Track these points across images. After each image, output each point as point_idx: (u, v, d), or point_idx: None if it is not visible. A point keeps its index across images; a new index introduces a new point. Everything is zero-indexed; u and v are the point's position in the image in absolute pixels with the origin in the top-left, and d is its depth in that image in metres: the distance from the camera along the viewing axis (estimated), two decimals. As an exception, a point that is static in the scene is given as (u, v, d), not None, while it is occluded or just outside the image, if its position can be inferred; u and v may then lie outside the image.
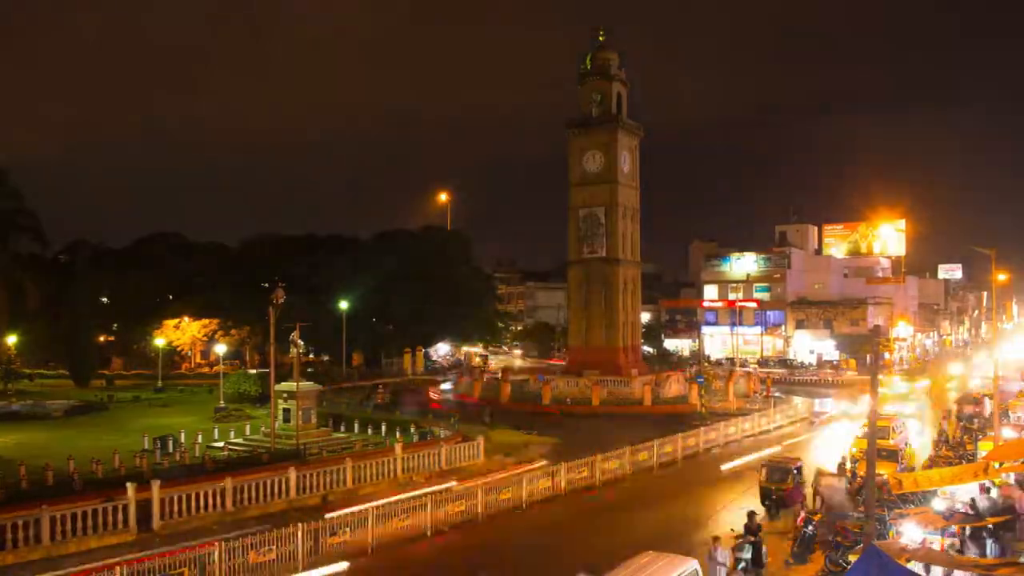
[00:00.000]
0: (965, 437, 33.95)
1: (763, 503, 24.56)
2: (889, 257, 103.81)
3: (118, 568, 16.47)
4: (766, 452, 34.26)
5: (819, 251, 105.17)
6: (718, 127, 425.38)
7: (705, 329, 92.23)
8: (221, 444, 35.65)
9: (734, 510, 24.57)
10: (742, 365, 74.24)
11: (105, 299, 72.60)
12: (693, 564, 15.44)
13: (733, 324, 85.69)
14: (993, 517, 18.72)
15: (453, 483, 28.11)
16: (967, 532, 18.30)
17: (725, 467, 32.06)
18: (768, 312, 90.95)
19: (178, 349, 72.77)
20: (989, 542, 18.01)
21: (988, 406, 39.59)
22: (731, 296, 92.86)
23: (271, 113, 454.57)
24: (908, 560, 14.65)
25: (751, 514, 19.51)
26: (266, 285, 60.46)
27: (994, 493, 20.48)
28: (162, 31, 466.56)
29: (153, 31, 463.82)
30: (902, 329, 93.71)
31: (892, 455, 28.15)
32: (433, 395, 57.19)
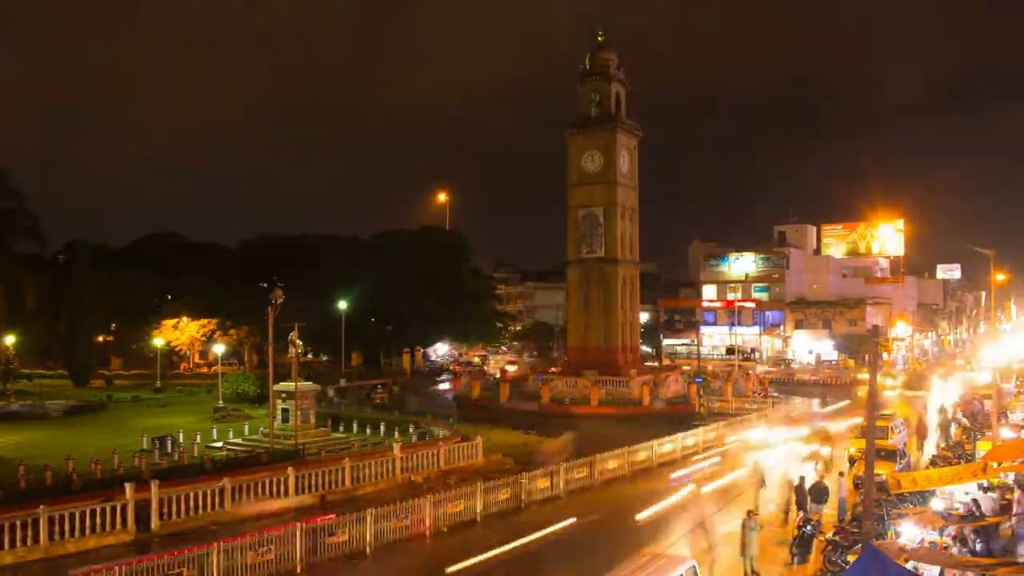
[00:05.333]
0: (964, 437, 34.00)
1: None
2: (888, 257, 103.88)
3: (118, 568, 16.46)
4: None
5: (818, 251, 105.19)
6: (718, 124, 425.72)
7: (704, 329, 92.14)
8: (220, 444, 35.68)
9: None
10: (741, 365, 74.20)
11: (104, 299, 72.56)
12: (691, 563, 15.75)
13: (732, 324, 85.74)
14: (992, 517, 18.73)
15: None
16: (966, 532, 18.29)
17: None
18: (767, 312, 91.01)
19: (177, 349, 72.77)
20: (988, 542, 18.00)
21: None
22: (730, 296, 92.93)
23: (270, 113, 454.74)
24: (907, 560, 14.66)
25: (750, 513, 19.53)
26: (265, 285, 60.60)
27: (991, 493, 20.51)
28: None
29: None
30: (901, 329, 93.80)
31: (891, 455, 28.20)
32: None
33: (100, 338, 72.96)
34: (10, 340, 57.15)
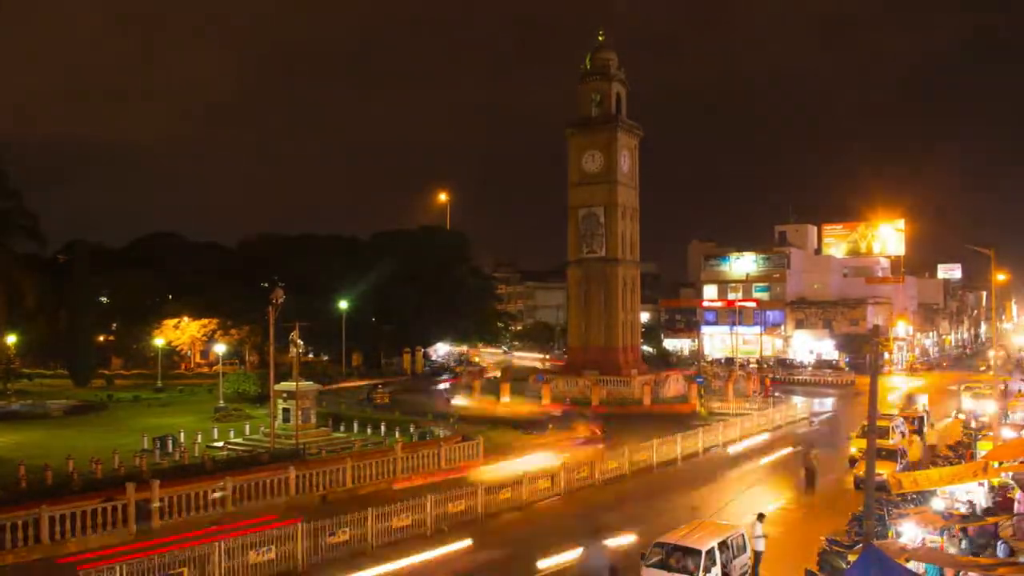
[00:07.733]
0: (965, 437, 34.03)
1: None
2: (888, 257, 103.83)
3: (118, 567, 16.46)
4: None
5: (818, 251, 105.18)
6: (718, 123, 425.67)
7: (704, 329, 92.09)
8: (221, 444, 35.72)
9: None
10: (742, 365, 74.22)
11: (104, 299, 72.57)
12: (740, 530, 18.50)
13: (732, 324, 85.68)
14: (992, 517, 18.73)
15: None
16: (966, 532, 18.29)
17: None
18: (767, 312, 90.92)
19: (177, 349, 72.74)
20: (989, 542, 18.00)
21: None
22: (730, 296, 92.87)
23: (268, 113, 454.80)
24: (908, 560, 14.67)
25: (761, 516, 19.83)
26: (265, 285, 60.55)
27: (989, 493, 20.51)
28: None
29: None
30: (901, 329, 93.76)
31: (891, 455, 28.23)
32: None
33: (100, 338, 72.91)
34: (10, 340, 57.24)
